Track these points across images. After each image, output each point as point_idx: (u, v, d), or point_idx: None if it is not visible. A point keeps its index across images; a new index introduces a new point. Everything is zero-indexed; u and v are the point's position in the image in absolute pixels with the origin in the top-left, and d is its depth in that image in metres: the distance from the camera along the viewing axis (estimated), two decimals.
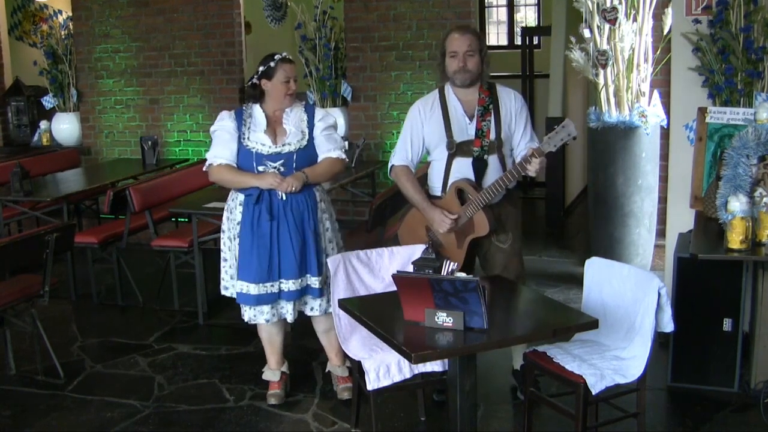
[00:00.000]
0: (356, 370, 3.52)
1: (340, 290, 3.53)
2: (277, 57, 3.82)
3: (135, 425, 3.87)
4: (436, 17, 6.67)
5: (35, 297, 4.36)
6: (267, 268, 3.77)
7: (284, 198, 3.74)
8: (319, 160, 3.86)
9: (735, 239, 3.46)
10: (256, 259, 3.77)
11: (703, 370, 3.98)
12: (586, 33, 5.32)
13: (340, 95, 6.98)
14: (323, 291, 3.85)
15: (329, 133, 3.89)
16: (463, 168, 3.72)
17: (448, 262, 3.24)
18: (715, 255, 3.56)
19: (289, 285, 3.79)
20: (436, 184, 3.83)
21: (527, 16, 12.16)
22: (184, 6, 7.35)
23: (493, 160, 3.72)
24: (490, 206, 3.68)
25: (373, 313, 3.01)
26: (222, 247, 3.99)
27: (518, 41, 10.84)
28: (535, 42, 9.95)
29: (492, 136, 3.70)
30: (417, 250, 3.59)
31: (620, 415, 3.32)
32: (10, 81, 8.37)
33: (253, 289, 3.79)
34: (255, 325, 4.00)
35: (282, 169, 3.76)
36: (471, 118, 3.73)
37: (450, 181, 3.74)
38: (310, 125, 3.86)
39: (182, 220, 6.32)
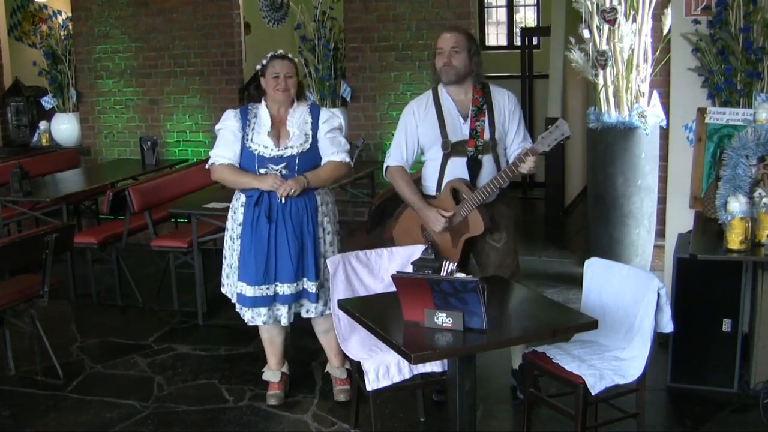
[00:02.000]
0: (356, 370, 3.52)
1: (339, 291, 3.53)
2: (269, 54, 3.84)
3: (134, 425, 3.87)
4: (436, 17, 6.67)
5: (35, 297, 4.36)
6: (264, 270, 3.76)
7: (283, 201, 3.73)
8: (322, 163, 3.84)
9: (734, 240, 3.46)
10: (254, 261, 3.76)
11: (703, 371, 3.98)
12: (586, 33, 5.32)
13: (339, 95, 6.99)
14: (320, 295, 3.84)
15: (333, 136, 3.86)
16: (457, 168, 3.73)
17: (447, 262, 3.24)
18: (714, 255, 3.56)
19: (284, 288, 3.78)
20: (430, 184, 3.84)
21: (526, 17, 12.15)
22: (184, 6, 7.35)
23: (487, 160, 3.74)
24: (484, 205, 3.69)
25: (373, 313, 3.01)
26: (225, 245, 3.98)
27: (518, 42, 10.83)
28: (535, 42, 9.94)
29: (486, 136, 3.72)
30: (416, 251, 3.59)
31: (620, 415, 3.32)
32: (9, 81, 8.37)
33: (249, 291, 3.79)
34: (255, 326, 4.00)
35: (284, 172, 3.75)
36: (465, 118, 3.75)
37: (445, 181, 3.75)
38: (314, 127, 3.84)
39: (182, 220, 6.32)
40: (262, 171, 3.76)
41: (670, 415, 3.87)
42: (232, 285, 3.93)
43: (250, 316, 3.87)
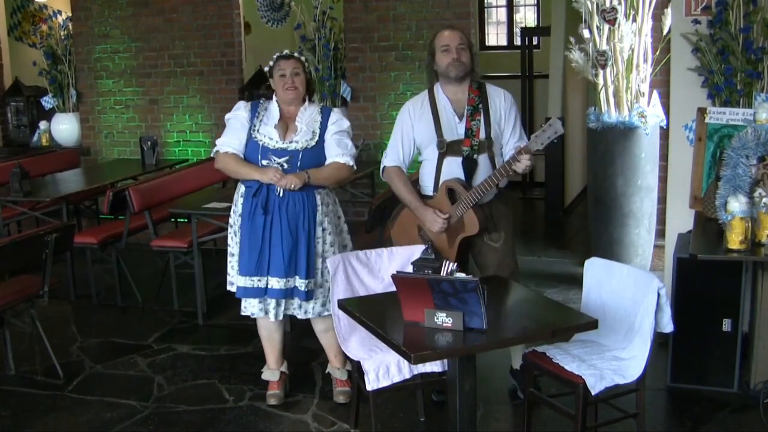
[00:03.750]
0: (356, 370, 3.52)
1: (339, 290, 3.53)
2: (275, 55, 3.87)
3: (134, 425, 3.87)
4: (436, 17, 6.67)
5: (35, 297, 4.36)
6: (256, 261, 3.77)
7: (281, 194, 3.73)
8: (326, 163, 3.85)
9: (734, 239, 3.46)
10: (247, 251, 3.79)
11: (703, 371, 3.98)
12: (586, 33, 5.31)
13: (339, 95, 6.98)
14: (311, 294, 3.83)
15: (340, 138, 3.86)
16: (453, 167, 3.73)
17: (447, 262, 3.23)
18: (714, 255, 3.56)
19: (273, 282, 3.79)
20: (427, 184, 3.85)
21: (526, 17, 12.15)
22: (184, 6, 7.35)
23: (483, 160, 3.74)
24: (480, 205, 3.69)
25: (373, 313, 3.00)
26: (229, 241, 3.98)
27: (517, 42, 10.83)
28: (535, 42, 9.94)
29: (482, 135, 3.72)
30: (416, 251, 3.59)
31: (620, 415, 3.32)
32: (9, 81, 8.37)
33: (241, 280, 3.82)
34: (254, 325, 4.00)
35: (286, 165, 3.76)
36: (460, 118, 3.75)
37: (441, 181, 3.75)
38: (323, 127, 3.85)
39: (182, 220, 6.32)
40: (264, 162, 3.77)
41: (670, 415, 3.87)
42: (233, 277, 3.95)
43: (243, 306, 3.91)
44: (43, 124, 8.13)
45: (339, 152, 3.83)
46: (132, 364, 4.62)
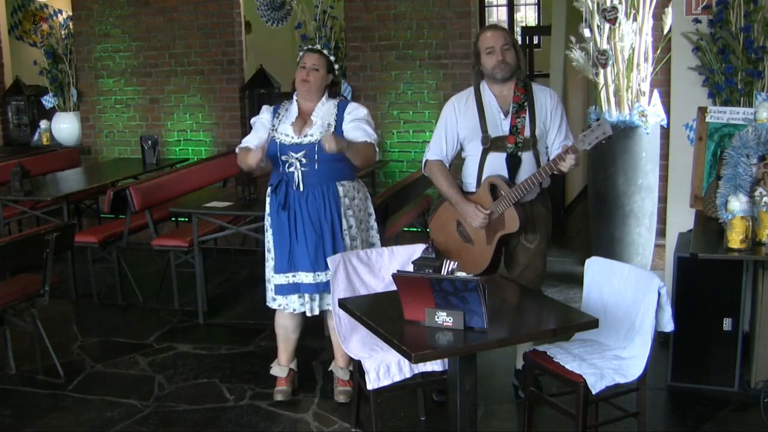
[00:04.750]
0: (356, 369, 3.52)
1: (340, 290, 3.53)
2: (306, 47, 3.99)
3: (135, 425, 3.87)
4: (437, 17, 6.67)
5: (35, 296, 4.36)
6: (287, 258, 3.81)
7: (301, 188, 3.77)
8: None
9: (735, 239, 3.46)
10: (278, 249, 3.83)
11: (704, 370, 3.98)
12: (586, 32, 5.32)
13: (340, 95, 6.97)
14: None
15: (357, 124, 3.85)
16: (496, 164, 3.70)
17: (448, 261, 3.23)
18: (715, 254, 3.56)
19: (302, 277, 3.81)
20: (469, 180, 3.80)
21: (527, 16, 12.16)
22: (184, 5, 7.36)
23: (527, 157, 3.71)
24: (521, 204, 3.68)
25: (373, 312, 3.01)
26: (266, 244, 4.01)
27: (518, 41, 10.83)
28: (535, 41, 9.95)
29: (526, 133, 3.69)
30: (417, 250, 3.59)
31: (620, 414, 3.32)
32: (10, 80, 8.38)
33: (277, 279, 3.86)
34: (255, 325, 4.00)
35: (303, 160, 3.77)
36: (506, 114, 3.72)
37: (483, 177, 3.73)
38: (339, 118, 3.87)
39: (182, 219, 6.32)
40: (283, 158, 3.81)
41: (670, 414, 3.87)
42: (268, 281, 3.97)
43: (285, 303, 3.90)
44: (43, 124, 8.14)
45: (359, 134, 3.81)
46: (133, 364, 4.62)
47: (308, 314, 3.93)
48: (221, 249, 6.59)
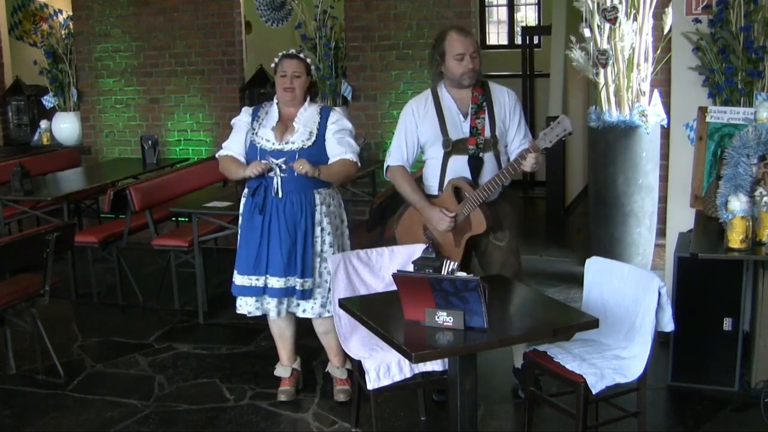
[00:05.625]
0: (356, 369, 3.52)
1: (340, 290, 3.53)
2: (281, 53, 3.89)
3: (135, 425, 3.87)
4: (437, 17, 6.67)
5: (35, 296, 4.36)
6: (254, 260, 3.80)
7: (280, 195, 3.76)
8: (331, 161, 3.84)
9: (735, 239, 3.45)
10: (245, 250, 3.83)
11: (704, 370, 3.98)
12: (587, 32, 5.31)
13: (340, 95, 6.98)
14: (310, 294, 3.84)
15: (342, 137, 3.85)
16: (459, 166, 3.73)
17: (448, 261, 3.23)
18: (715, 254, 3.56)
19: (273, 281, 3.80)
20: (432, 183, 3.83)
21: (527, 16, 12.15)
22: (185, 5, 7.35)
23: (488, 158, 3.73)
24: (486, 204, 3.68)
25: (374, 312, 3.00)
26: (238, 241, 4.02)
27: (518, 41, 10.84)
28: (536, 41, 9.94)
29: (487, 133, 3.71)
30: (417, 250, 3.59)
31: (620, 414, 3.32)
32: (10, 80, 8.37)
33: (238, 279, 3.86)
34: (256, 325, 4.01)
35: (283, 166, 3.76)
36: (465, 116, 3.74)
37: (446, 180, 3.74)
38: (322, 127, 3.85)
39: (182, 219, 6.32)
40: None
41: (671, 414, 3.87)
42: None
43: (238, 304, 3.93)
44: (43, 123, 8.13)
45: (342, 150, 3.82)
46: (133, 363, 4.62)
47: (273, 317, 3.92)
48: (221, 249, 6.58)
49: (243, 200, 3.91)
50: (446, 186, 3.74)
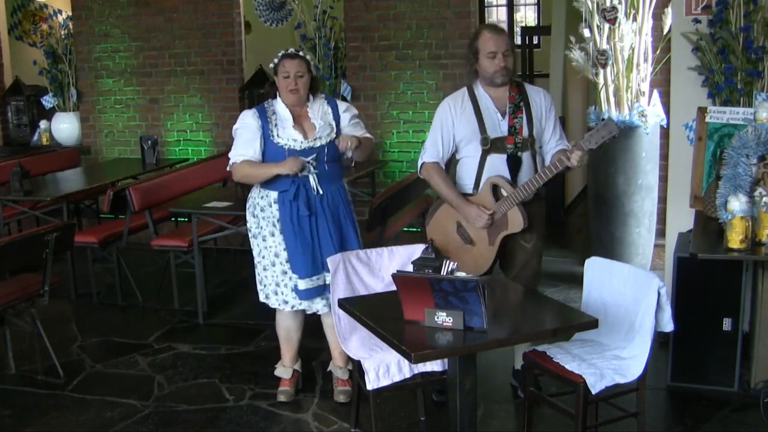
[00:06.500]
0: (356, 369, 3.52)
1: (339, 290, 3.53)
2: (281, 53, 3.86)
3: (135, 425, 3.87)
4: (436, 17, 6.67)
5: (35, 296, 4.36)
6: (311, 262, 3.80)
7: (320, 192, 3.79)
8: None
9: (735, 239, 3.45)
10: (301, 255, 3.79)
11: (703, 370, 3.98)
12: (586, 33, 5.32)
13: (339, 95, 6.98)
14: None
15: (356, 121, 3.97)
16: (497, 165, 3.70)
17: (447, 261, 3.23)
18: (715, 255, 3.56)
19: (327, 278, 3.79)
20: (467, 182, 3.78)
21: (527, 16, 12.17)
22: (184, 6, 7.36)
23: (526, 157, 3.71)
24: (523, 203, 3.68)
25: (373, 312, 3.00)
26: (255, 255, 3.95)
27: (518, 41, 10.83)
28: (535, 42, 9.95)
29: (525, 133, 3.70)
30: (417, 250, 3.58)
31: (620, 414, 3.32)
32: (10, 81, 8.37)
33: (302, 284, 3.82)
34: (255, 325, 4.00)
35: (314, 163, 3.77)
36: (503, 115, 3.72)
37: (483, 178, 3.72)
38: (336, 117, 3.90)
39: (182, 219, 6.32)
40: None
41: (670, 414, 3.87)
42: (269, 286, 3.92)
43: (307, 305, 3.90)
44: (43, 124, 8.14)
45: (361, 132, 3.93)
46: (132, 364, 4.62)
47: (307, 312, 3.93)
48: (221, 249, 6.59)
49: (275, 206, 3.81)
50: (484, 183, 3.71)
